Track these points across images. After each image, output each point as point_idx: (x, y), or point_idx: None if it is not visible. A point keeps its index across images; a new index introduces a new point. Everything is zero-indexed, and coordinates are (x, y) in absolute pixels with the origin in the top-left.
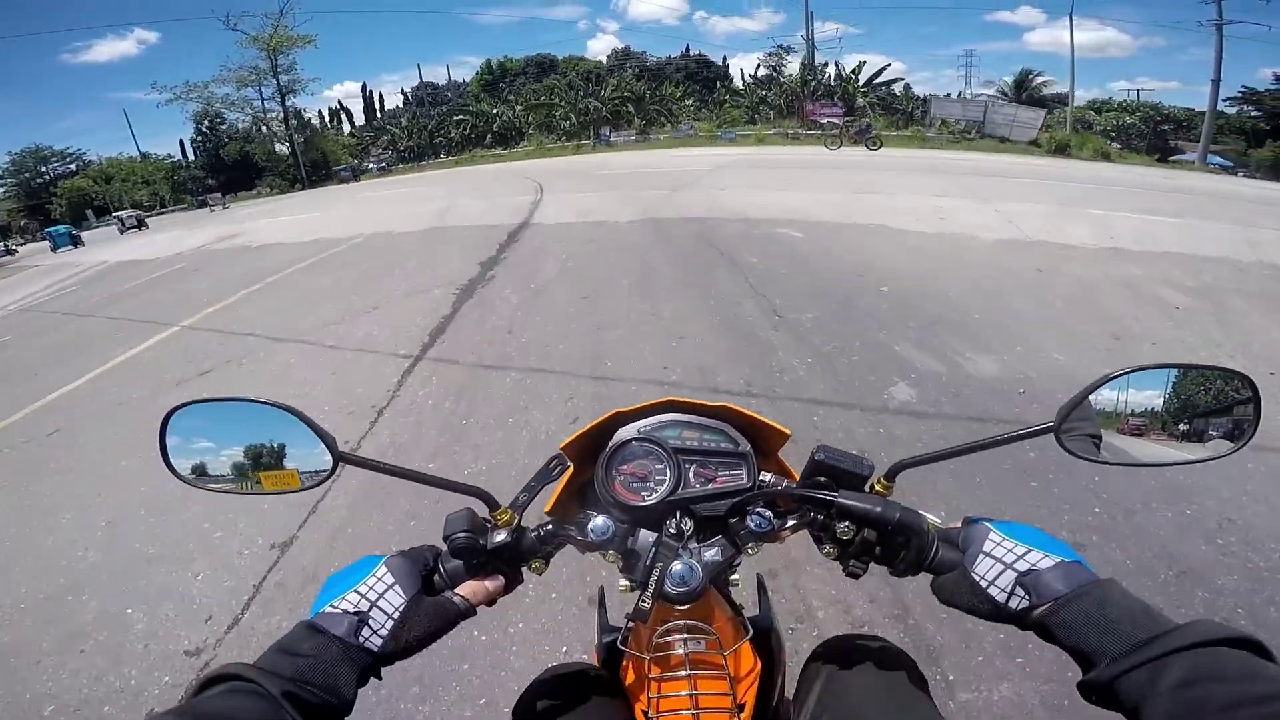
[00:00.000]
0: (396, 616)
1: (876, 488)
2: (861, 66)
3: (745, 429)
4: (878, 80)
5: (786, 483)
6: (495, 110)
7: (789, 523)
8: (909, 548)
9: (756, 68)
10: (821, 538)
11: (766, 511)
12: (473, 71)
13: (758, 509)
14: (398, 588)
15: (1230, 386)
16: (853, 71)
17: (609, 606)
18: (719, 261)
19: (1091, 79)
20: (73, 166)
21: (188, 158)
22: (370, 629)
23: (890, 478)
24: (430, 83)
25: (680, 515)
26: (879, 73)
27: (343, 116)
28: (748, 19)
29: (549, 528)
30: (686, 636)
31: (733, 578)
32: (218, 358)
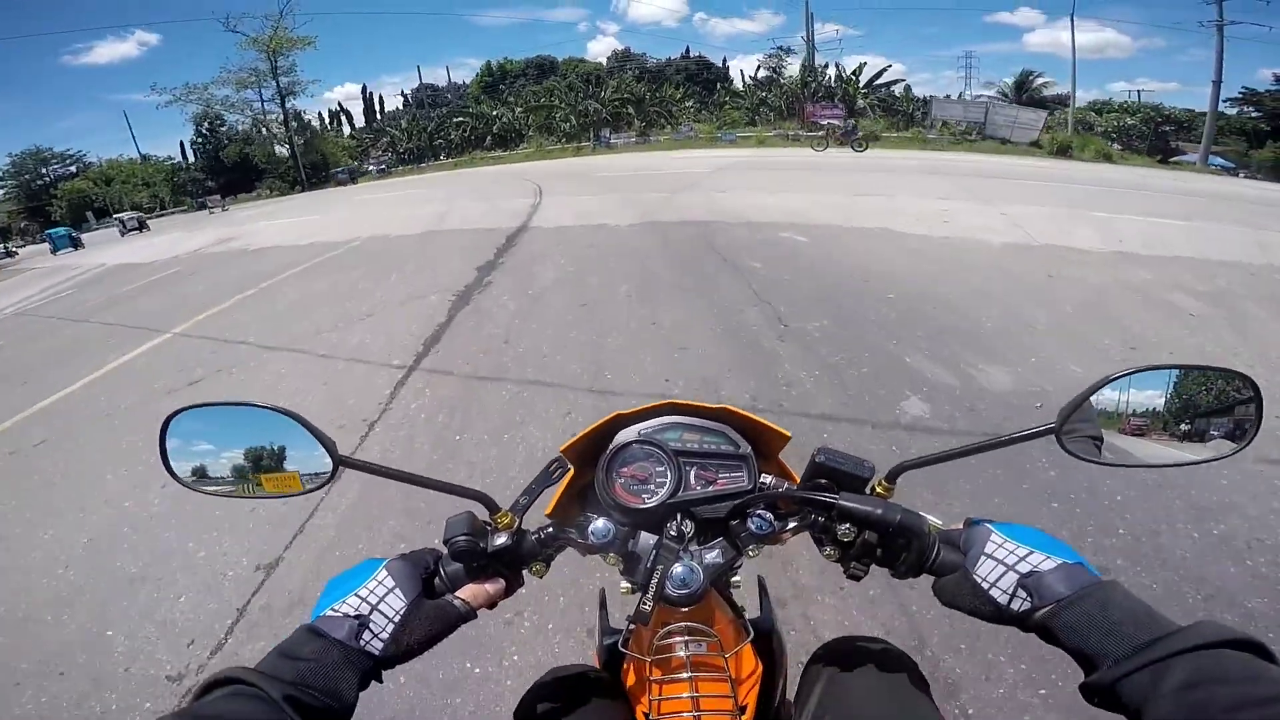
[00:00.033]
0: (397, 620)
1: (877, 490)
2: (862, 68)
3: (746, 431)
4: (878, 82)
5: (787, 485)
6: (495, 112)
7: (790, 525)
8: (910, 550)
9: (756, 69)
10: (822, 540)
11: (767, 513)
12: (473, 73)
13: (758, 511)
14: (398, 591)
15: (1231, 386)
16: (853, 73)
17: (609, 608)
18: (721, 267)
19: (1091, 80)
20: (73, 168)
21: (188, 160)
22: (371, 632)
23: (891, 480)
24: (430, 84)
25: (681, 517)
26: (879, 74)
27: (343, 118)
28: (747, 20)
29: (549, 530)
30: (688, 639)
31: (734, 580)
32: (209, 366)
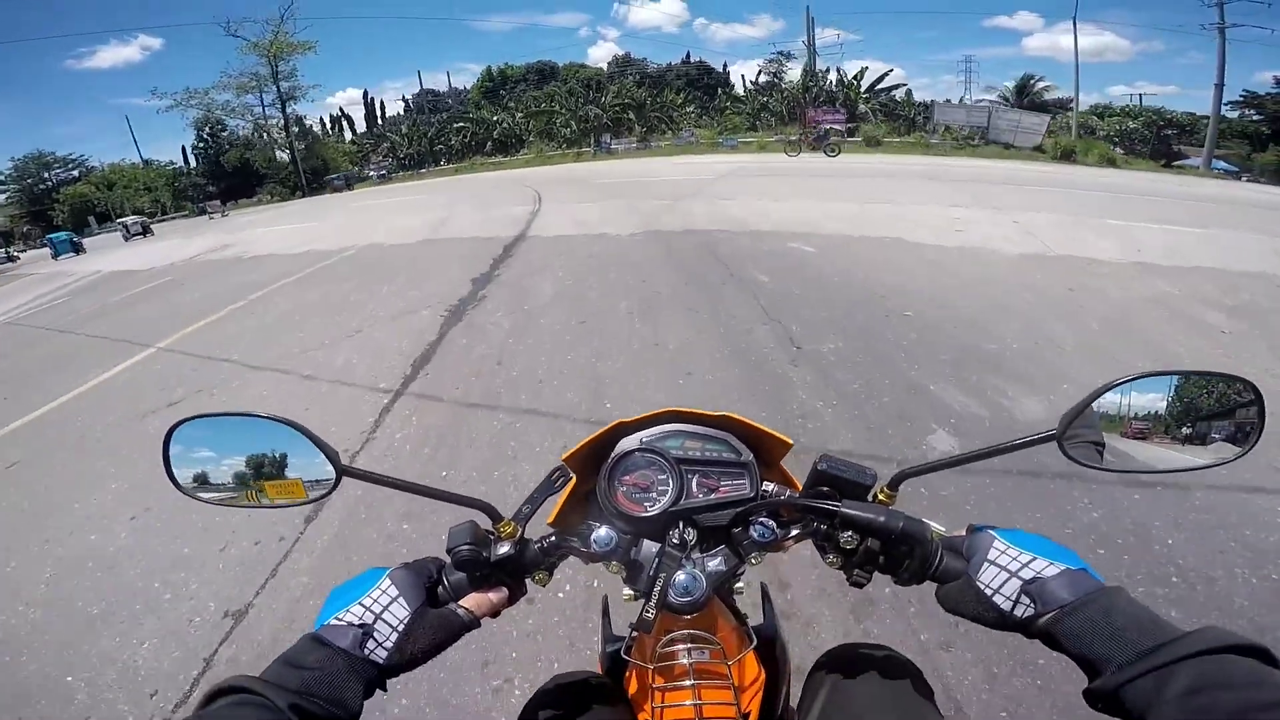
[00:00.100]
0: (401, 629)
1: (880, 497)
2: (864, 72)
3: (747, 439)
4: (880, 86)
5: (789, 492)
6: (496, 117)
7: (792, 532)
8: (913, 557)
9: (757, 74)
10: (825, 547)
11: (770, 521)
12: (473, 78)
13: (761, 518)
14: (402, 600)
15: (1232, 390)
16: (854, 77)
17: (612, 615)
18: (726, 280)
19: (1090, 83)
20: (75, 172)
21: (189, 164)
22: (375, 641)
23: (893, 487)
24: (431, 90)
25: (683, 525)
26: (881, 78)
27: (344, 124)
28: (748, 25)
29: (552, 539)
30: (690, 646)
31: (737, 586)
32: (190, 385)
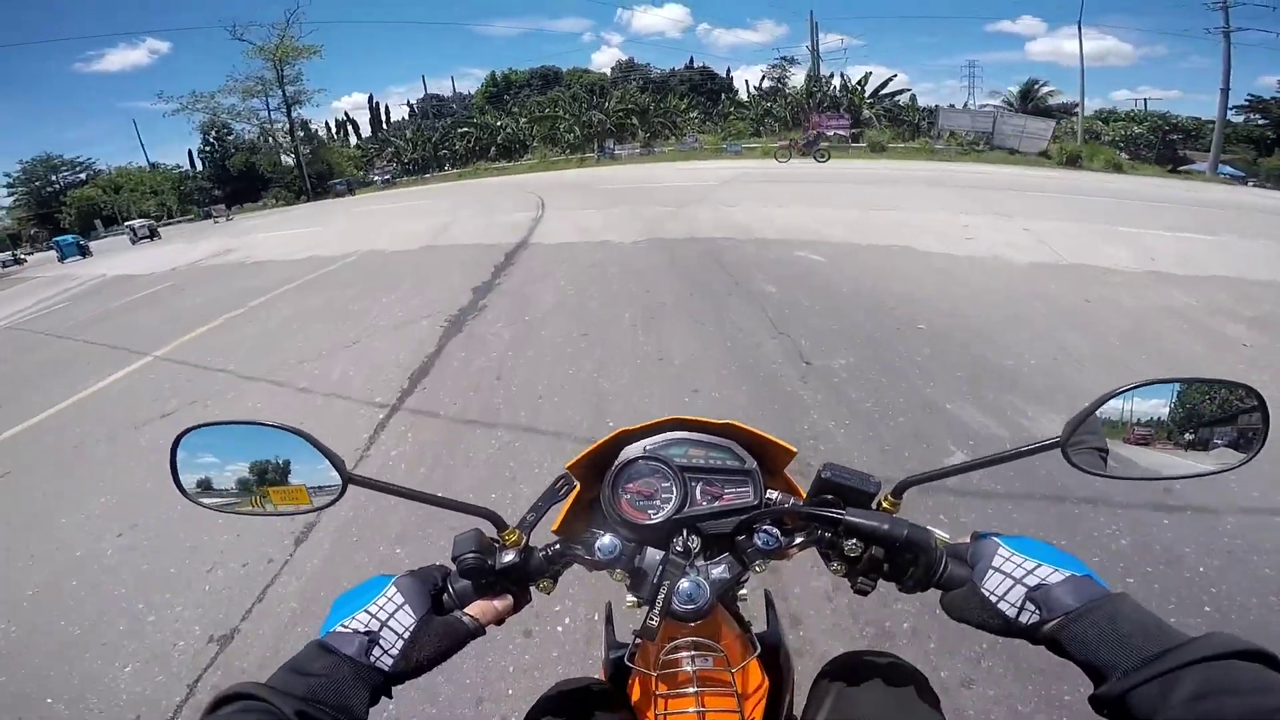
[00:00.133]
0: (407, 636)
1: (884, 505)
2: (868, 77)
3: (751, 447)
4: (884, 91)
5: (793, 500)
6: (500, 123)
7: (796, 540)
8: (917, 564)
9: (761, 79)
10: (829, 555)
11: (774, 529)
12: (477, 83)
13: (765, 526)
14: (408, 607)
15: (1236, 397)
16: (859, 83)
17: (615, 621)
18: (733, 290)
19: (1093, 88)
20: (82, 175)
21: (195, 168)
22: (381, 648)
23: (897, 495)
24: (435, 94)
25: (687, 533)
26: (885, 83)
27: (349, 128)
28: (751, 31)
29: (556, 547)
30: (694, 653)
31: (741, 593)
32: (184, 396)
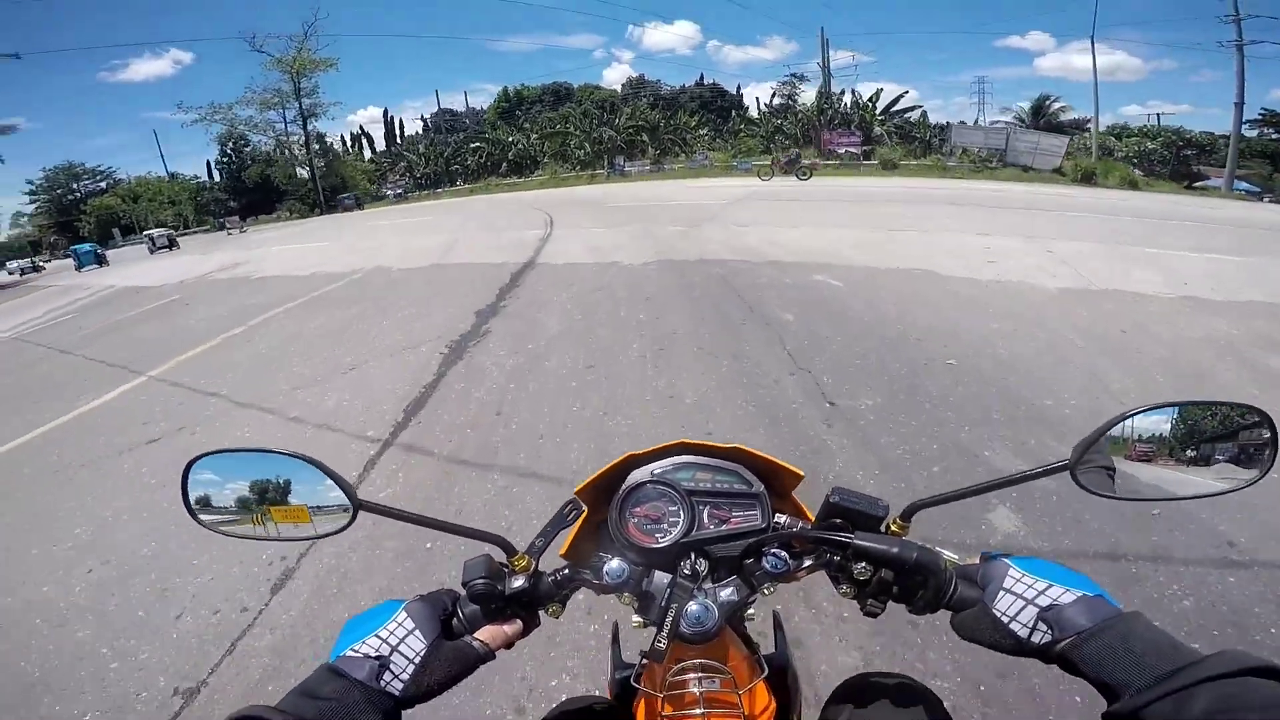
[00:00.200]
0: (417, 661)
1: (892, 528)
2: (879, 94)
3: (759, 470)
4: (895, 108)
5: (802, 524)
6: (511, 138)
7: (805, 563)
8: (927, 586)
9: (771, 96)
10: (839, 578)
11: (782, 552)
12: (490, 98)
13: (773, 550)
14: (418, 632)
15: (1246, 420)
16: (870, 99)
17: (621, 641)
18: (748, 319)
19: (1104, 103)
20: (103, 184)
21: (212, 179)
22: (391, 673)
23: (906, 518)
24: (449, 109)
25: (695, 556)
26: (895, 100)
27: (364, 141)
28: (761, 48)
29: (565, 572)
30: (701, 675)
31: (748, 613)
32: (174, 421)
